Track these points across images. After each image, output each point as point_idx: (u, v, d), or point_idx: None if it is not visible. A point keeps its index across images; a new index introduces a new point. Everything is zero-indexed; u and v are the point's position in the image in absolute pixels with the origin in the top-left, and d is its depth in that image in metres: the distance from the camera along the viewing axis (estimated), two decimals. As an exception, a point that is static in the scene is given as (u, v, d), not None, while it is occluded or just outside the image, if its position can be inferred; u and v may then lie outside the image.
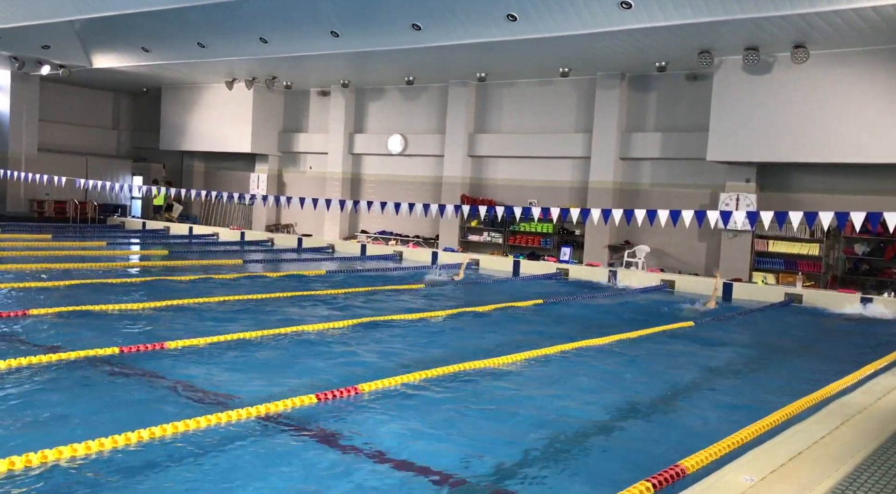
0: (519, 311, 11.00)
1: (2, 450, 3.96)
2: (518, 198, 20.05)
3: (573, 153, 19.67)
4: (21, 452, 3.90)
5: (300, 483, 3.93)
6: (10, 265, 12.75)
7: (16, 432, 4.42)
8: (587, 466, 4.53)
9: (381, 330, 8.67)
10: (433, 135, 22.13)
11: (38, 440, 4.17)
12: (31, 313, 8.17)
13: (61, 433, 4.33)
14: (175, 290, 10.88)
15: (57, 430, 4.45)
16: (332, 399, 5.46)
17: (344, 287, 12.63)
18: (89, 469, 3.89)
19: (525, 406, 5.78)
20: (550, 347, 7.91)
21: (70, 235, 20.06)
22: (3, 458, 3.80)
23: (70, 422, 4.66)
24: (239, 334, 7.62)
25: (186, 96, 25.93)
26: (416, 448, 4.57)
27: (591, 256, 18.80)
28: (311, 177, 25.16)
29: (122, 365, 6.18)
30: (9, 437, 4.29)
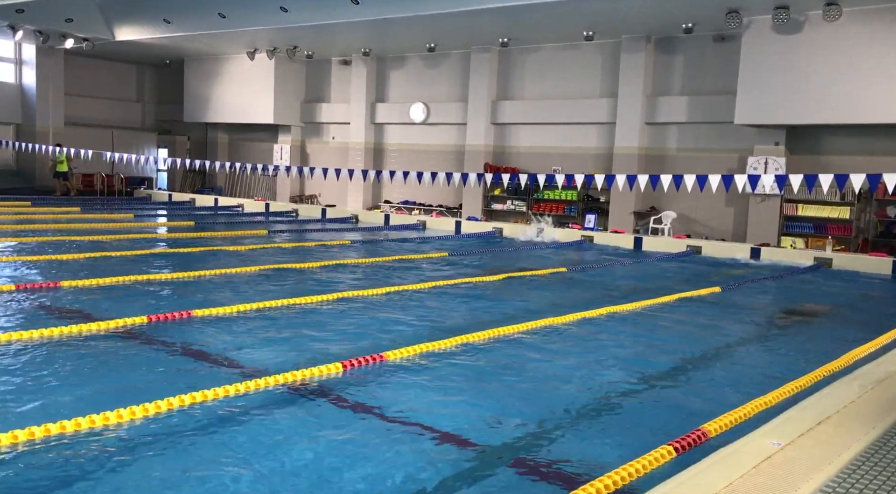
0: (543, 279, 10.97)
1: (37, 418, 4.05)
2: (542, 166, 19.88)
3: (598, 119, 19.41)
4: (55, 420, 3.99)
5: (327, 449, 3.98)
6: (40, 238, 12.97)
7: (48, 401, 4.52)
8: (610, 431, 4.53)
9: (406, 298, 8.71)
10: (455, 102, 21.94)
11: (70, 409, 4.26)
12: (63, 285, 8.32)
13: (93, 401, 4.42)
14: (201, 261, 11.00)
15: (88, 399, 4.54)
16: (357, 366, 5.51)
17: (368, 256, 12.68)
18: (121, 438, 3.98)
19: (550, 372, 5.78)
20: (575, 314, 7.89)
21: (98, 208, 20.33)
22: (38, 426, 3.90)
23: (101, 391, 4.75)
24: (265, 303, 7.70)
25: (209, 68, 25.95)
26: (442, 414, 4.60)
27: (617, 223, 18.64)
28: (334, 147, 25.16)
29: (150, 335, 6.28)
30: (42, 406, 4.39)
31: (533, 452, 4.09)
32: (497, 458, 3.96)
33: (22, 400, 4.49)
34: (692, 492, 3.00)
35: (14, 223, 15.87)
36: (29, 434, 3.83)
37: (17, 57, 25.41)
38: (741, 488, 3.08)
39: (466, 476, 3.71)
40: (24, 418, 4.10)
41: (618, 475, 3.57)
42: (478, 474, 3.76)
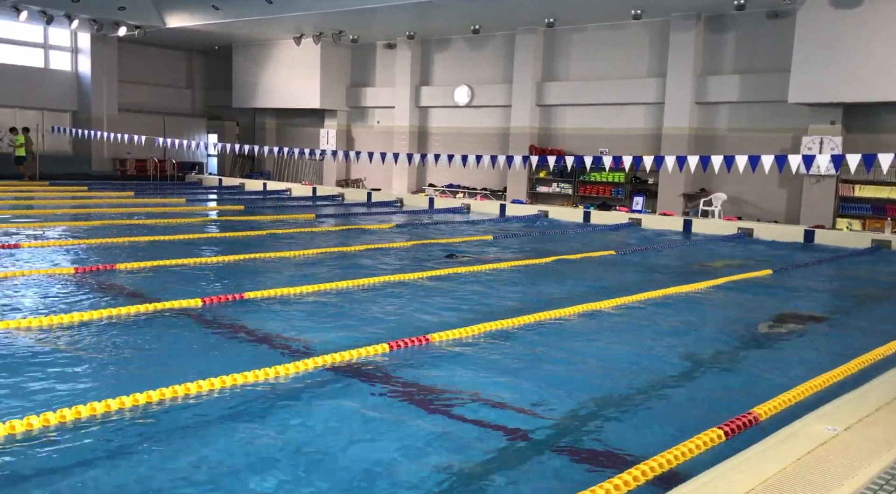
0: (590, 262, 10.88)
1: (97, 395, 4.21)
2: (588, 148, 19.63)
3: (646, 99, 19.06)
4: (115, 396, 4.14)
5: (372, 428, 4.04)
6: (97, 222, 13.38)
7: (107, 378, 4.68)
8: (659, 414, 4.49)
9: (451, 281, 8.74)
10: (500, 84, 21.79)
11: (127, 386, 4.40)
12: (119, 267, 8.58)
13: (149, 380, 4.56)
14: (251, 244, 11.21)
15: (144, 377, 4.68)
16: (403, 348, 5.56)
17: (413, 239, 12.74)
18: (174, 415, 4.10)
19: (596, 355, 5.75)
20: (623, 297, 7.81)
21: (151, 192, 20.84)
22: (98, 401, 4.04)
23: (156, 370, 4.90)
24: (313, 286, 7.81)
25: (256, 53, 26.25)
26: (488, 395, 4.61)
27: (665, 205, 18.34)
28: (379, 131, 25.26)
29: (204, 316, 6.44)
30: (102, 383, 4.55)
31: (579, 434, 4.08)
32: (543, 440, 3.97)
33: (80, 378, 4.66)
34: (745, 476, 2.96)
35: (71, 207, 16.40)
36: (91, 410, 3.98)
37: (73, 45, 26.11)
38: (795, 473, 3.02)
39: (512, 458, 3.72)
40: (84, 394, 4.26)
41: (663, 458, 3.55)
42: (523, 456, 3.77)
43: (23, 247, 9.96)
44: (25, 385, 4.45)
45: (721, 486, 2.87)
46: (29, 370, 4.74)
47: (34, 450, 3.54)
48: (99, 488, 3.19)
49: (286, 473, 3.43)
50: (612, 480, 3.26)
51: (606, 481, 3.25)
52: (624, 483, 3.27)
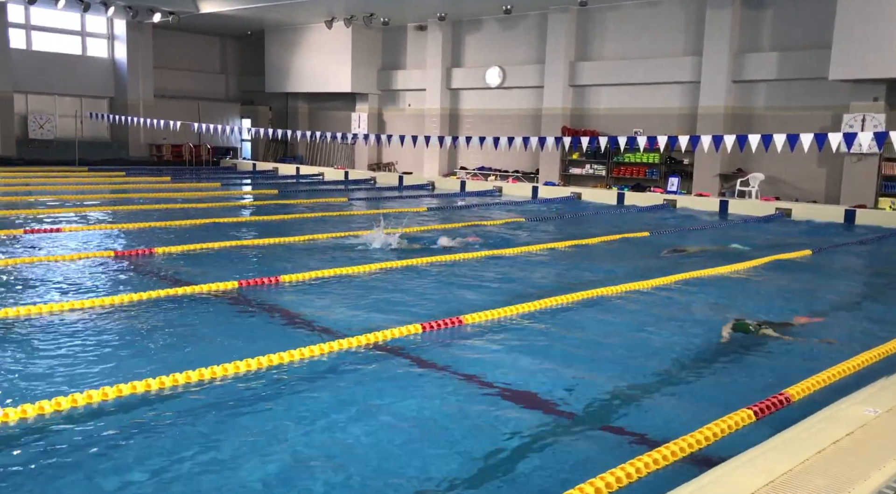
0: (625, 243, 10.78)
1: (135, 375, 4.31)
2: (622, 128, 19.39)
3: (681, 78, 18.74)
4: (155, 376, 4.24)
5: (406, 408, 4.08)
6: (135, 206, 13.63)
7: (146, 359, 4.79)
8: (691, 395, 4.46)
9: (483, 264, 8.74)
10: (532, 65, 21.59)
11: (167, 365, 4.51)
12: (157, 251, 8.74)
13: (188, 360, 4.66)
14: (286, 228, 11.33)
15: (183, 358, 4.78)
16: (436, 329, 5.59)
17: (444, 222, 12.75)
18: (213, 394, 4.19)
19: (629, 335, 5.72)
20: (658, 279, 7.74)
21: (187, 177, 21.15)
22: (139, 381, 4.15)
23: (195, 351, 5.00)
24: (347, 268, 7.88)
25: (288, 38, 26.36)
26: (520, 376, 4.63)
27: (701, 186, 18.07)
28: (410, 114, 25.24)
29: (241, 298, 6.54)
30: (140, 363, 4.66)
31: (610, 413, 4.08)
32: (575, 420, 3.97)
33: (120, 359, 4.78)
34: (783, 456, 2.93)
35: (110, 192, 16.72)
36: (131, 388, 4.08)
37: (110, 32, 26.49)
38: (834, 455, 2.99)
39: (545, 437, 3.73)
40: (124, 374, 4.37)
41: (693, 438, 3.53)
42: (556, 434, 3.78)
43: (64, 231, 10.19)
44: (68, 364, 4.58)
45: (760, 465, 2.85)
46: (72, 350, 4.87)
47: (82, 426, 3.65)
48: (143, 463, 3.28)
49: (320, 450, 3.49)
50: (642, 458, 3.26)
51: (636, 459, 3.25)
52: (653, 462, 3.27)
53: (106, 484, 3.09)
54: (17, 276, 7.14)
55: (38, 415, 3.72)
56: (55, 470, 3.20)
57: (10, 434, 3.54)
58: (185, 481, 3.15)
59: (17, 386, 4.17)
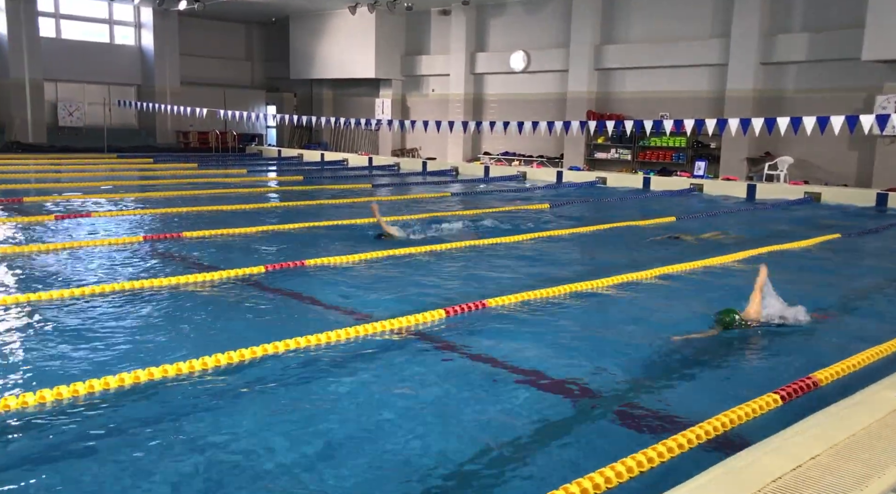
0: (650, 229, 10.70)
1: (164, 358, 4.38)
2: (648, 112, 19.18)
3: (708, 60, 18.46)
4: (185, 359, 4.30)
5: (431, 392, 4.11)
6: (164, 192, 13.80)
7: (173, 342, 4.87)
8: (717, 380, 4.43)
9: (507, 249, 8.73)
10: (557, 49, 21.40)
11: (195, 348, 4.58)
12: (185, 236, 8.85)
13: (215, 343, 4.72)
14: (311, 213, 11.40)
15: (210, 341, 4.85)
16: (460, 313, 5.61)
17: (468, 208, 12.74)
18: (240, 377, 4.25)
19: (654, 320, 5.68)
20: (684, 263, 7.68)
21: (213, 164, 21.35)
22: (170, 364, 4.22)
23: (221, 335, 5.07)
24: (371, 254, 7.92)
25: (313, 24, 26.39)
26: (543, 360, 4.63)
27: (728, 170, 17.84)
28: (434, 99, 25.18)
29: (267, 283, 6.61)
30: (169, 347, 4.74)
31: (634, 398, 4.07)
32: (597, 404, 3.97)
33: (148, 343, 4.86)
34: (811, 441, 2.91)
35: (138, 179, 16.95)
36: (163, 371, 4.15)
37: (136, 20, 26.73)
38: (863, 440, 2.95)
39: (568, 421, 3.74)
40: (150, 358, 4.45)
41: (718, 421, 3.52)
42: (578, 419, 3.78)
43: (94, 216, 10.36)
44: (100, 348, 4.67)
45: (788, 450, 2.83)
46: (104, 334, 4.97)
47: (116, 408, 3.73)
48: (180, 443, 3.35)
49: (345, 430, 3.53)
50: (665, 442, 3.26)
51: (660, 443, 3.25)
52: (677, 446, 3.26)
53: (146, 463, 3.16)
54: (49, 261, 7.28)
55: (72, 397, 3.81)
56: (103, 449, 3.28)
57: (44, 415, 3.63)
58: (215, 463, 3.20)
59: (48, 369, 4.27)
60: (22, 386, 3.94)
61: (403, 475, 3.13)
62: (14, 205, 11.44)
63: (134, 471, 3.09)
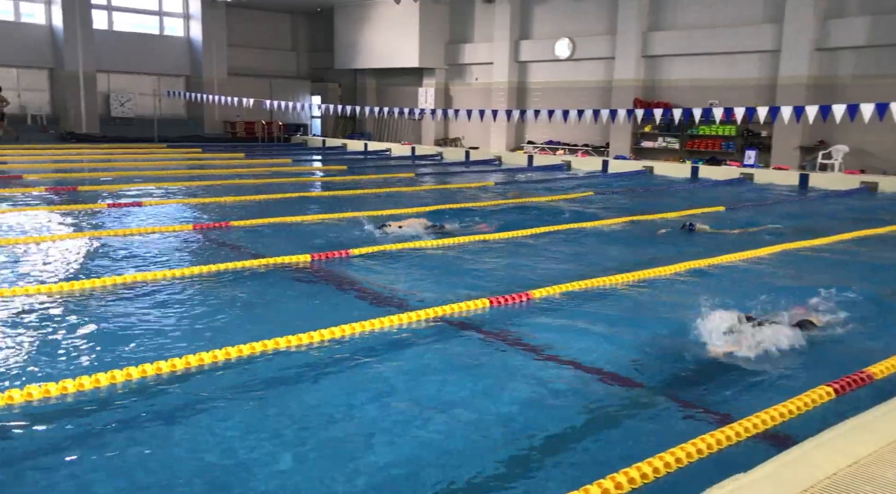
0: (698, 219, 10.49)
1: (211, 343, 4.46)
2: (696, 100, 18.78)
3: (760, 46, 17.97)
4: (233, 344, 4.38)
5: (474, 381, 4.10)
6: (211, 182, 14.05)
7: (221, 329, 4.96)
8: (769, 373, 4.33)
9: (551, 239, 8.66)
10: (603, 36, 21.08)
11: (243, 334, 4.65)
12: (233, 225, 9.00)
13: (264, 329, 4.79)
14: (355, 203, 11.48)
15: (260, 327, 4.92)
16: (504, 304, 5.58)
17: (512, 197, 12.67)
18: (288, 363, 4.31)
19: (701, 312, 5.56)
20: (732, 254, 7.52)
21: (260, 153, 21.65)
22: (219, 349, 4.30)
23: (268, 321, 5.14)
24: (415, 243, 7.94)
25: (357, 14, 26.48)
26: (588, 351, 4.58)
27: (780, 159, 17.39)
28: (477, 88, 25.08)
29: (314, 271, 6.68)
30: (218, 333, 4.82)
31: (681, 389, 4.00)
32: (644, 395, 3.92)
33: (197, 329, 4.96)
34: (868, 437, 2.82)
35: (187, 168, 17.28)
36: (212, 357, 4.23)
37: (185, 11, 27.19)
38: (924, 438, 2.85)
39: (613, 412, 3.70)
40: (202, 343, 4.53)
41: (768, 414, 3.45)
42: (625, 409, 3.74)
43: (145, 205, 10.61)
44: (149, 334, 4.78)
45: (843, 445, 2.75)
46: (155, 319, 5.08)
47: (164, 393, 3.82)
48: (227, 428, 3.42)
49: (394, 414, 3.56)
50: (714, 434, 3.20)
51: (708, 434, 3.19)
52: (726, 439, 3.21)
53: (204, 439, 3.24)
54: (102, 249, 7.48)
55: (126, 381, 3.91)
56: (176, 430, 3.37)
57: (102, 397, 3.73)
58: (257, 446, 3.26)
59: (101, 353, 4.39)
60: (85, 369, 4.05)
61: (451, 459, 3.13)
62: (69, 193, 11.78)
63: (193, 447, 3.16)
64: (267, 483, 2.93)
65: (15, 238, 7.72)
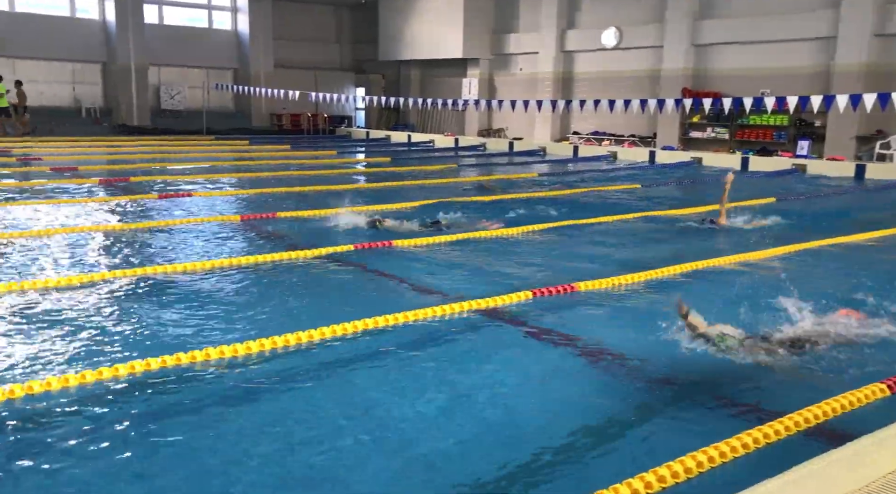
0: (748, 210, 10.25)
1: (255, 332, 4.53)
2: (746, 89, 18.30)
3: (814, 33, 17.43)
4: (280, 333, 4.44)
5: (519, 371, 4.09)
6: (259, 173, 14.26)
7: (266, 318, 5.03)
8: (820, 368, 4.21)
9: (596, 231, 8.56)
10: (651, 24, 20.71)
11: (287, 324, 4.71)
12: (279, 216, 9.12)
13: (305, 319, 4.85)
14: (399, 194, 11.52)
15: (302, 317, 4.99)
16: (548, 295, 5.54)
17: (556, 189, 12.56)
18: (329, 353, 4.35)
19: (749, 307, 5.44)
20: (783, 247, 7.33)
21: (305, 145, 21.88)
22: (265, 338, 4.36)
23: (313, 311, 5.20)
24: (459, 236, 7.93)
25: (401, 5, 26.50)
26: (634, 344, 4.52)
27: (834, 149, 16.86)
28: (522, 78, 24.89)
29: (357, 261, 6.73)
30: (261, 322, 4.90)
31: (727, 384, 3.92)
32: (691, 389, 3.85)
33: (243, 317, 5.04)
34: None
35: (235, 160, 17.57)
36: (259, 346, 4.30)
37: (233, 5, 27.60)
38: None
39: (659, 406, 3.65)
40: (245, 331, 4.61)
41: (820, 409, 3.36)
42: (670, 403, 3.68)
43: (194, 196, 10.82)
44: (200, 321, 4.88)
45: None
46: (204, 307, 5.19)
47: (217, 379, 3.89)
48: (269, 414, 3.48)
49: (434, 403, 3.57)
50: (761, 428, 3.14)
51: (755, 429, 3.13)
52: (774, 433, 3.14)
53: (246, 422, 3.30)
54: (152, 238, 7.66)
55: (182, 363, 4.00)
56: (231, 411, 3.45)
57: (153, 381, 3.82)
58: (294, 439, 3.30)
59: (152, 339, 4.50)
60: (138, 354, 4.16)
61: (492, 450, 3.13)
62: (121, 184, 12.09)
63: (248, 433, 3.23)
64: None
65: (71, 227, 7.96)
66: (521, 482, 2.90)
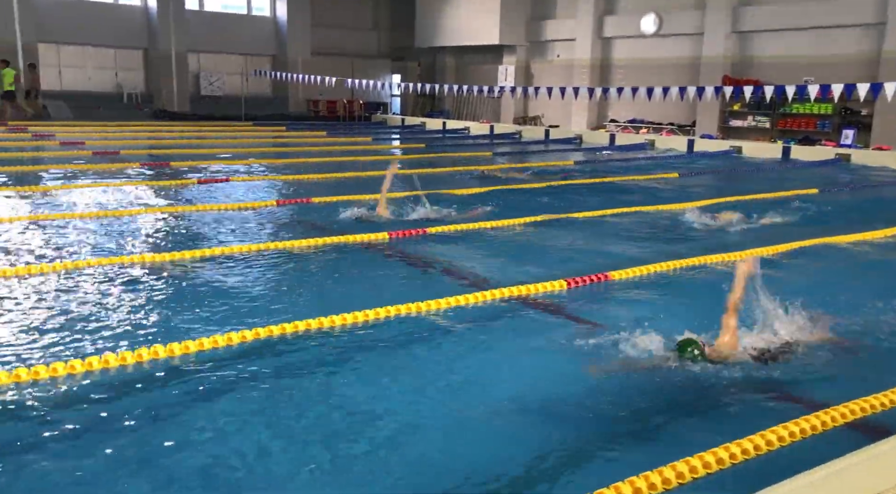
0: (789, 201, 10.05)
1: (288, 316, 4.59)
2: (788, 77, 17.88)
3: (861, 19, 16.93)
4: (314, 316, 4.50)
5: (550, 360, 4.09)
6: (296, 160, 14.40)
7: (303, 301, 5.10)
8: (864, 363, 4.13)
9: (632, 220, 8.48)
10: (691, 10, 20.32)
11: (320, 308, 4.77)
12: (314, 201, 9.20)
13: (341, 304, 4.90)
14: (434, 182, 11.53)
15: (337, 302, 5.04)
16: (582, 285, 5.52)
17: (592, 177, 12.46)
18: (366, 338, 4.40)
19: (789, 299, 5.35)
20: (822, 238, 7.18)
21: (341, 132, 21.99)
22: (300, 321, 4.43)
23: (348, 296, 5.25)
24: (493, 223, 7.92)
25: (438, -9, 26.40)
26: (670, 333, 4.48)
27: (882, 139, 16.40)
28: (559, 65, 24.66)
29: (391, 249, 6.78)
30: (297, 305, 4.97)
31: (762, 375, 3.87)
32: (727, 379, 3.81)
33: (278, 300, 5.12)
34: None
35: (272, 146, 17.76)
36: (293, 327, 4.37)
37: (271, -8, 27.79)
38: None
39: (697, 396, 3.62)
40: (281, 314, 4.68)
41: (857, 405, 3.31)
42: (707, 393, 3.65)
43: (232, 181, 10.97)
44: (237, 303, 4.96)
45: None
46: (241, 290, 5.28)
47: (253, 360, 3.97)
48: (302, 394, 3.54)
49: (462, 400, 3.59)
50: (798, 422, 3.11)
51: (791, 422, 3.09)
52: (811, 428, 3.10)
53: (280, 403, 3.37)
54: (192, 222, 7.80)
55: (212, 348, 4.08)
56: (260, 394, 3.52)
57: (184, 364, 3.91)
58: (328, 424, 3.35)
59: (189, 321, 4.59)
60: (172, 336, 4.25)
61: (528, 440, 3.15)
62: (162, 168, 12.31)
63: (267, 420, 3.30)
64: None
65: (113, 211, 8.14)
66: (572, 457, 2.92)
